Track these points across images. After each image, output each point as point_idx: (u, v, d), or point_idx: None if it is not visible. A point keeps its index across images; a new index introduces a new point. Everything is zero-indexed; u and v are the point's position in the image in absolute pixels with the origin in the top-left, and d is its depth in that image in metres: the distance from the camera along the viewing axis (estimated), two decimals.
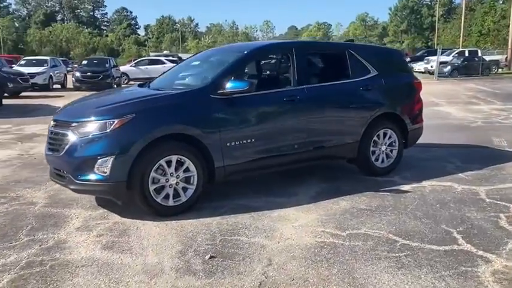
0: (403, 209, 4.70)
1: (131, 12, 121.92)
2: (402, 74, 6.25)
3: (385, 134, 5.91)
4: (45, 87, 21.69)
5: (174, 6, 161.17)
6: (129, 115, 4.35)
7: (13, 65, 23.36)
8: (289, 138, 5.16)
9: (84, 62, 25.35)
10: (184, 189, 4.61)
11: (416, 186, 5.46)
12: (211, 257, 3.63)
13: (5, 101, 15.91)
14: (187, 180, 4.61)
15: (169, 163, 4.49)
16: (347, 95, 5.62)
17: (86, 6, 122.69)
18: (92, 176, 4.28)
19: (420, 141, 6.63)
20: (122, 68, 28.37)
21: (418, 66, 35.92)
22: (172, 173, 4.50)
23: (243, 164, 4.91)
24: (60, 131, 4.56)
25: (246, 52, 5.23)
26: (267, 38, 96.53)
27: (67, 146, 4.40)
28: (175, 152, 4.49)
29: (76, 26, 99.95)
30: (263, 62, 6.24)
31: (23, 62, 23.65)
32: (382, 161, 5.94)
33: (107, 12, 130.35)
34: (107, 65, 23.67)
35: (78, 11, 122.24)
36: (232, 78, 4.81)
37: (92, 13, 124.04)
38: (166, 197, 4.53)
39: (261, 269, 3.45)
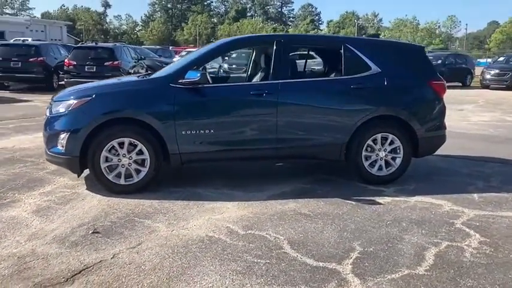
0: (343, 220, 4.26)
1: (316, 8, 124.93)
2: (417, 73, 5.48)
3: (384, 139, 5.32)
4: None
5: (363, 0, 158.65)
6: (86, 97, 4.83)
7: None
8: (254, 133, 5.05)
9: (234, 55, 27.04)
10: (137, 170, 4.92)
11: (398, 201, 4.84)
12: (93, 232, 3.89)
13: None
14: (142, 162, 4.90)
15: (122, 145, 4.84)
16: (331, 93, 5.22)
17: (275, 2, 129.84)
18: (56, 149, 4.88)
19: (467, 152, 5.77)
20: None
21: None
22: (124, 154, 4.85)
23: (201, 153, 5.01)
24: (47, 110, 5.27)
25: (218, 44, 5.26)
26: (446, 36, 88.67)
27: (45, 122, 5.07)
28: (127, 135, 4.82)
29: (262, 21, 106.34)
30: (242, 54, 6.13)
31: (183, 53, 26.38)
32: (380, 169, 5.36)
33: (293, 8, 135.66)
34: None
35: (268, 7, 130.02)
36: (195, 68, 4.92)
37: (280, 9, 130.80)
38: (119, 175, 4.89)
39: (121, 248, 3.59)
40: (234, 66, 21.42)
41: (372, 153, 5.32)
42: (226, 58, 16.72)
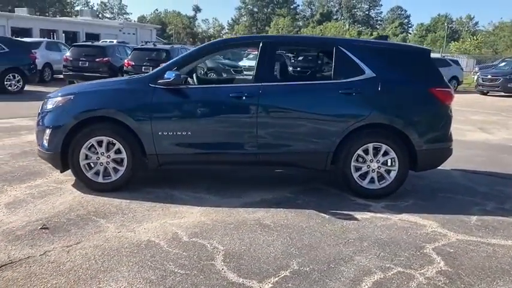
0: (301, 234, 3.97)
1: (405, 11, 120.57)
2: (418, 78, 4.96)
3: (377, 150, 4.89)
4: None
5: (457, 3, 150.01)
6: (69, 95, 4.95)
7: None
8: (233, 137, 4.87)
9: (300, 57, 26.74)
10: (116, 169, 4.95)
11: (379, 217, 4.43)
12: (42, 228, 3.95)
13: None
14: (121, 161, 4.93)
15: (101, 143, 4.89)
16: (317, 98, 4.88)
17: (363, 5, 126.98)
18: (43, 145, 5.04)
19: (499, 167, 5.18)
20: None
21: None
22: (103, 152, 4.89)
23: (178, 155, 4.93)
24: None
25: (202, 45, 5.13)
26: None
27: (37, 118, 5.27)
28: (106, 134, 4.86)
29: (348, 24, 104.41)
30: (228, 56, 5.90)
31: (251, 56, 26.58)
32: (372, 181, 4.94)
33: (382, 11, 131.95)
34: (319, 62, 24.39)
35: (355, 10, 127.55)
36: (175, 69, 4.85)
37: (367, 12, 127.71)
38: (97, 173, 4.95)
39: (56, 246, 3.60)
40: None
41: (363, 164, 4.92)
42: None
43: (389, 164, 4.92)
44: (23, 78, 14.21)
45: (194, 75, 5.50)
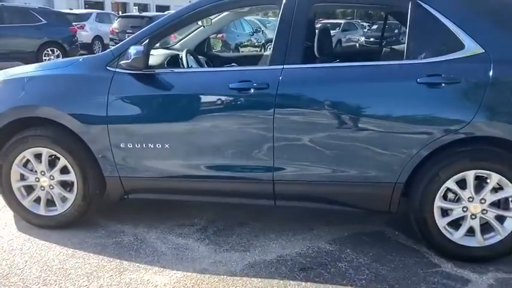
0: None
1: None
2: None
3: (482, 181, 2.82)
4: None
5: None
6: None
7: None
8: (235, 155, 2.99)
9: (375, 26, 23.75)
10: (63, 198, 3.27)
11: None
12: None
13: None
14: (71, 185, 3.24)
15: (39, 157, 3.22)
16: (377, 90, 2.83)
17: None
18: None
19: None
20: None
21: None
22: (43, 171, 3.23)
23: (152, 180, 3.14)
24: None
25: (187, 6, 3.18)
26: None
27: None
28: (44, 144, 3.17)
29: None
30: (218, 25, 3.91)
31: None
32: (471, 235, 2.87)
33: None
34: (396, 31, 21.43)
35: None
36: (146, 42, 3.01)
37: None
38: (38, 201, 3.30)
39: None
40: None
41: (455, 205, 2.86)
42: None
43: (503, 206, 2.83)
44: (63, 53, 13.04)
45: (186, 53, 3.59)
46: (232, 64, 4.24)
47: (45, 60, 12.48)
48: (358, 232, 3.31)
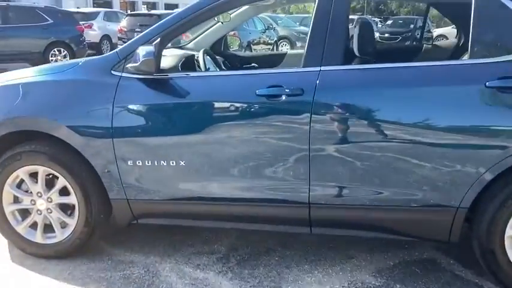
0: None
1: None
2: None
3: None
4: None
5: None
6: None
7: None
8: (262, 174, 2.52)
9: (389, 22, 23.07)
10: (63, 223, 2.83)
11: None
12: None
13: None
14: (72, 209, 2.80)
15: (35, 176, 2.78)
16: (434, 96, 2.34)
17: None
18: None
19: None
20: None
21: None
22: (39, 192, 2.78)
23: (165, 203, 2.69)
24: None
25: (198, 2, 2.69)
26: None
27: None
28: (40, 161, 2.72)
29: None
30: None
31: None
32: None
33: None
34: (412, 26, 20.69)
35: None
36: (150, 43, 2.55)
37: None
38: (34, 227, 2.86)
39: None
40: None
41: None
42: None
43: None
44: (70, 53, 12.65)
45: (203, 53, 3.12)
46: (253, 65, 3.78)
47: (51, 61, 12.11)
48: (405, 261, 2.83)
